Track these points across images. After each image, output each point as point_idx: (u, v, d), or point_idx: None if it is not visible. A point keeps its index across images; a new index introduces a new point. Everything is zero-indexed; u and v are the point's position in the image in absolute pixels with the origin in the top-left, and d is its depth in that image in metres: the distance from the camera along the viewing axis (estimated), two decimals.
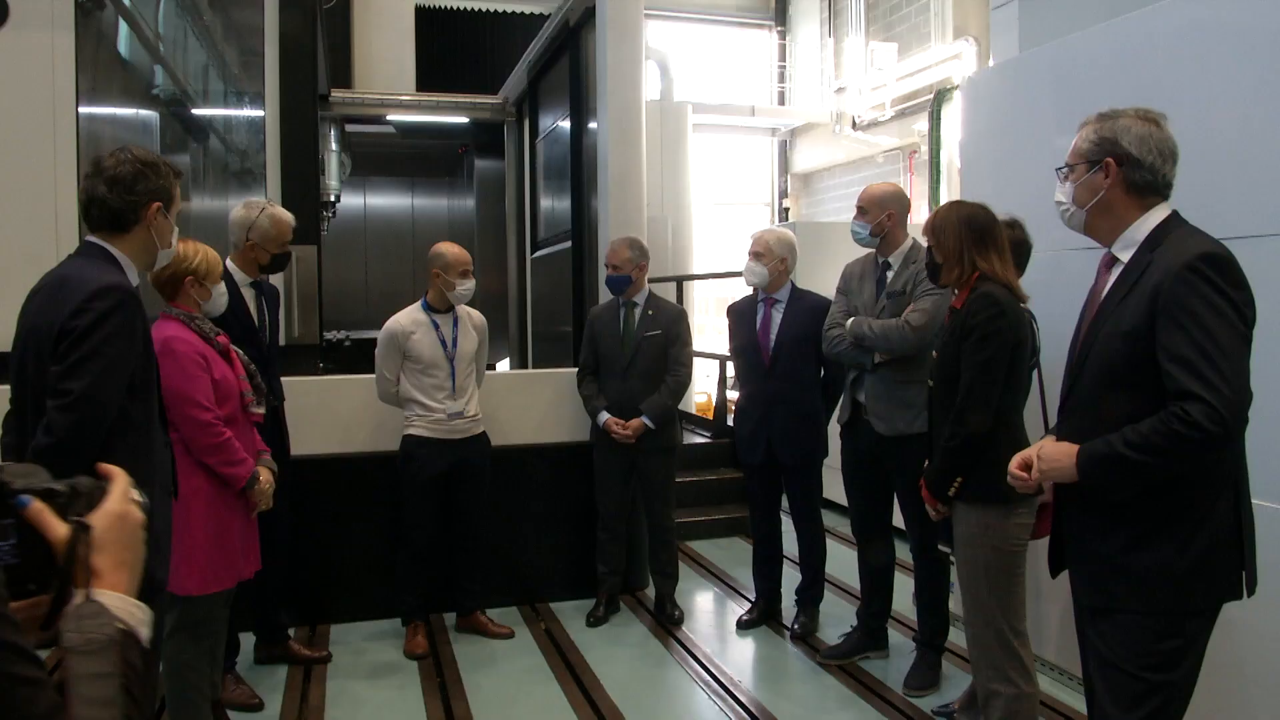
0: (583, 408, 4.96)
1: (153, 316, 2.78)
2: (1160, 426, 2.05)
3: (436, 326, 4.46)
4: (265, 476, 3.38)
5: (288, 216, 4.08)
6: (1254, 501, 2.25)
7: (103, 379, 2.26)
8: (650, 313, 4.87)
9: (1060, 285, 3.95)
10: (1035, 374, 3.57)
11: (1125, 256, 2.26)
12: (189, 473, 3.16)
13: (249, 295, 4.02)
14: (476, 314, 4.67)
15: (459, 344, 4.49)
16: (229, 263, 4.00)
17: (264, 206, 4.04)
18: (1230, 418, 2.00)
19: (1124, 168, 2.24)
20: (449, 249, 4.50)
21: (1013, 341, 3.01)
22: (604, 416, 4.80)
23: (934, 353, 3.31)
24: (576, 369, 5.07)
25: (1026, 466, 2.34)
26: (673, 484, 5.00)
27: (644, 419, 4.73)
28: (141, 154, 2.46)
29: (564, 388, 5.14)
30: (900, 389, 3.98)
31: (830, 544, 4.86)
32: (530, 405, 5.19)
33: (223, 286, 3.43)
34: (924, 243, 4.16)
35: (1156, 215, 2.24)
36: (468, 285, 4.48)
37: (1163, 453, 2.06)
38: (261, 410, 3.45)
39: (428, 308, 4.51)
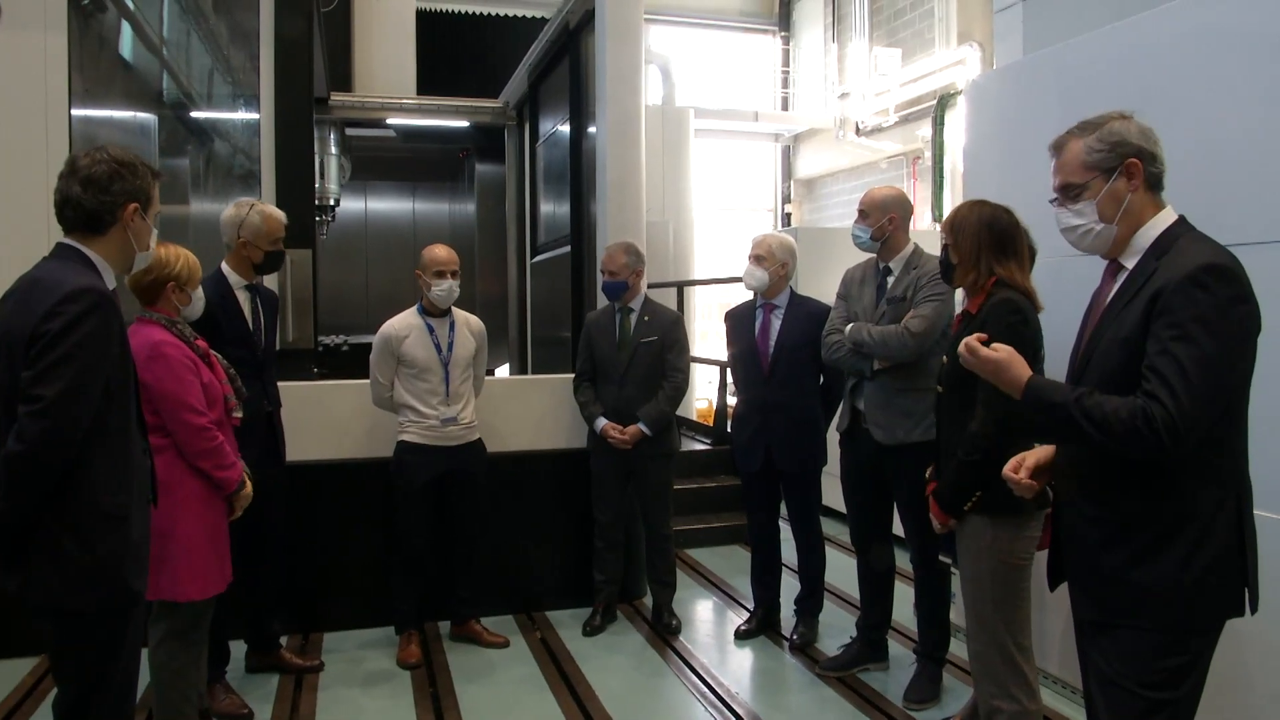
0: (577, 414, 4.91)
1: (127, 320, 2.73)
2: (1124, 414, 2.01)
3: (431, 330, 4.41)
4: (247, 483, 3.35)
5: (278, 213, 4.05)
6: (1258, 513, 2.19)
7: (76, 384, 2.20)
8: (646, 318, 4.81)
9: (1064, 292, 3.88)
10: None
11: (1130, 264, 2.20)
12: (183, 477, 3.14)
13: (244, 298, 3.97)
14: (475, 320, 4.62)
15: (454, 349, 4.44)
16: (224, 265, 3.97)
17: (253, 204, 4.00)
18: (1185, 433, 1.97)
19: (1145, 164, 2.17)
20: (428, 251, 4.45)
21: (1033, 350, 2.94)
22: (601, 423, 4.74)
23: (944, 358, 3.22)
24: (571, 375, 5.02)
25: (1018, 468, 2.37)
26: (670, 491, 4.94)
27: (641, 425, 4.68)
28: (118, 154, 2.41)
29: (562, 393, 5.09)
30: (900, 397, 3.92)
31: (830, 553, 4.80)
32: (527, 411, 5.13)
33: (201, 293, 3.40)
34: (925, 248, 4.13)
35: (1164, 220, 2.19)
36: (443, 286, 4.40)
37: (1113, 436, 2.03)
38: (240, 415, 3.41)
39: (423, 311, 4.46)
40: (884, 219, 4.02)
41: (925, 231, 9.76)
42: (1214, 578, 2.08)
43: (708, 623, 5.13)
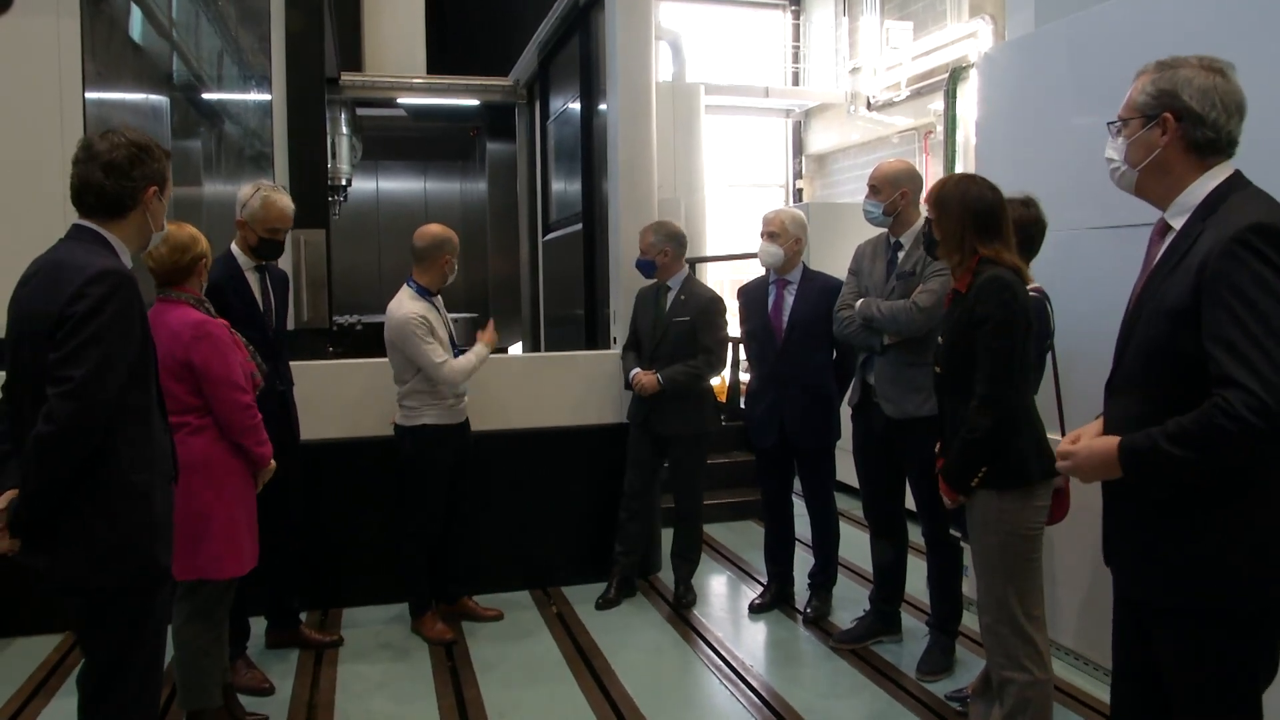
0: (594, 391, 4.96)
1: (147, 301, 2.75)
2: (1201, 419, 1.87)
3: (438, 311, 4.43)
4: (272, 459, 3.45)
5: (283, 203, 3.98)
6: None
7: (104, 365, 2.23)
8: (683, 298, 4.84)
9: (1074, 266, 3.90)
10: (1050, 358, 3.50)
11: (1178, 224, 2.06)
12: (223, 456, 3.24)
13: (253, 279, 3.98)
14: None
15: (449, 325, 4.49)
16: (233, 246, 3.98)
17: (260, 188, 3.97)
18: (1276, 407, 1.80)
19: (1183, 124, 2.03)
20: (451, 233, 4.45)
21: (1025, 324, 2.93)
22: (634, 371, 4.82)
23: (939, 338, 3.19)
24: (585, 351, 5.05)
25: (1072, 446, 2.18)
26: (699, 471, 4.97)
27: (657, 376, 4.72)
28: (134, 136, 2.42)
29: (579, 370, 5.12)
30: (910, 371, 3.93)
31: (843, 527, 4.83)
32: (545, 388, 5.16)
33: None
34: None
35: (1216, 176, 2.04)
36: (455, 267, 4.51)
37: (1204, 448, 1.87)
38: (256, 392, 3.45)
39: (425, 293, 4.40)
40: (895, 194, 4.02)
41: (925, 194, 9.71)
42: (1267, 557, 1.95)
43: (722, 597, 5.17)
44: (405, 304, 4.33)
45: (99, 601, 2.38)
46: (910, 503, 4.18)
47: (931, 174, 11.09)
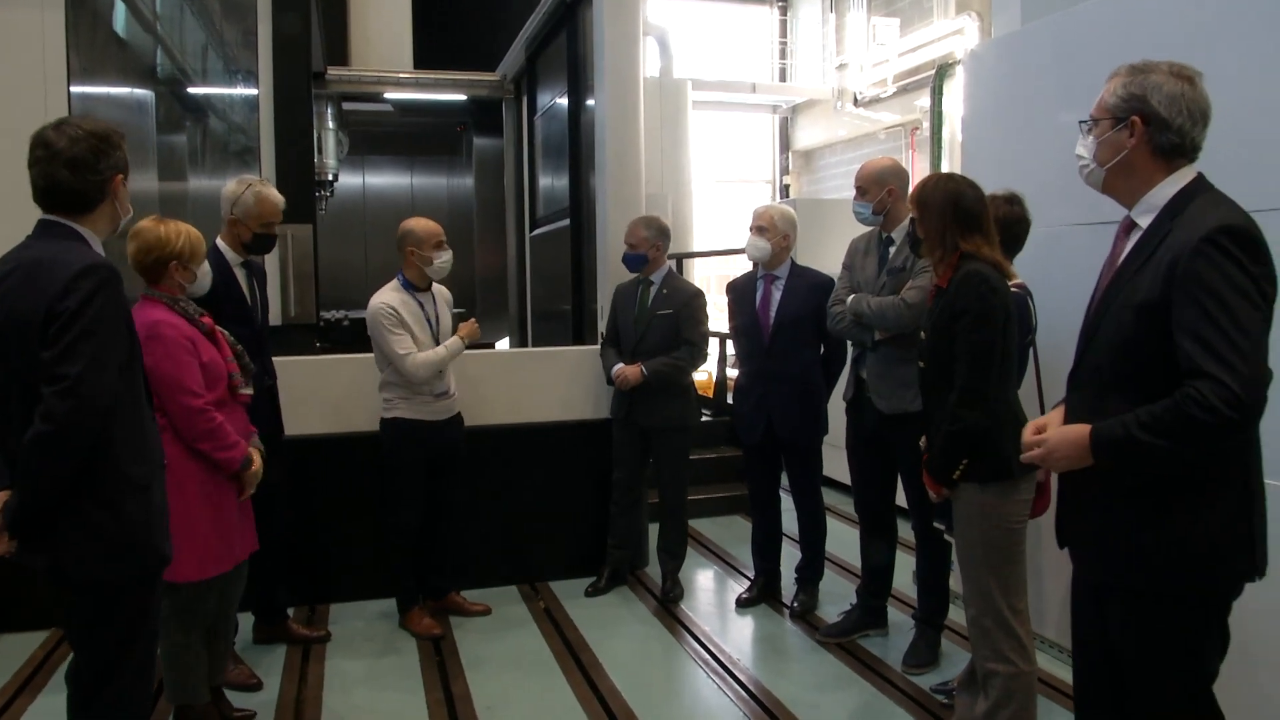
0: (580, 386, 4.95)
1: (132, 298, 2.74)
2: (1174, 408, 1.94)
3: (421, 305, 4.39)
4: (256, 460, 3.34)
5: (275, 197, 3.99)
6: (1270, 482, 2.15)
7: (99, 359, 2.22)
8: (665, 292, 4.85)
9: (1058, 263, 3.92)
10: (1031, 353, 3.53)
11: (1144, 222, 2.14)
12: (181, 458, 3.10)
13: (240, 275, 3.97)
14: (443, 289, 4.59)
15: (440, 321, 4.45)
16: (219, 241, 3.95)
17: (252, 183, 3.97)
18: (1248, 399, 1.89)
19: (1150, 128, 2.11)
20: (418, 224, 4.40)
21: (1004, 316, 2.95)
22: (617, 366, 4.80)
23: (922, 334, 3.22)
24: (573, 346, 5.05)
25: (1038, 435, 2.25)
26: (684, 464, 4.98)
27: (641, 367, 4.72)
28: (92, 127, 2.38)
29: (564, 366, 5.12)
30: (901, 366, 3.94)
31: (830, 522, 4.85)
32: (533, 383, 5.16)
33: (207, 266, 3.37)
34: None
35: (1181, 179, 2.12)
36: (444, 257, 4.38)
37: (1176, 436, 1.95)
38: (250, 391, 3.40)
39: (409, 286, 4.39)
40: (882, 192, 4.04)
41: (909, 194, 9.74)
42: (1224, 540, 2.04)
43: (709, 591, 5.19)
44: (382, 294, 4.34)
45: (108, 595, 2.38)
46: (902, 498, 4.20)
47: (918, 170, 11.13)
